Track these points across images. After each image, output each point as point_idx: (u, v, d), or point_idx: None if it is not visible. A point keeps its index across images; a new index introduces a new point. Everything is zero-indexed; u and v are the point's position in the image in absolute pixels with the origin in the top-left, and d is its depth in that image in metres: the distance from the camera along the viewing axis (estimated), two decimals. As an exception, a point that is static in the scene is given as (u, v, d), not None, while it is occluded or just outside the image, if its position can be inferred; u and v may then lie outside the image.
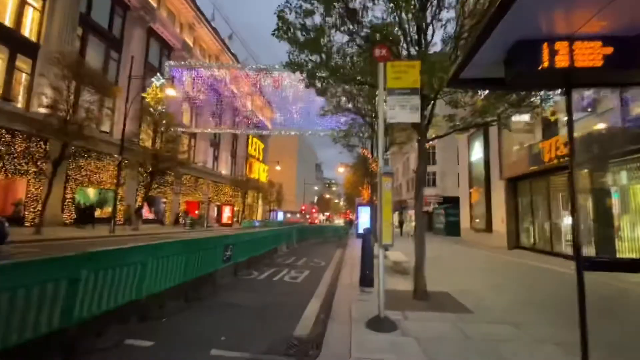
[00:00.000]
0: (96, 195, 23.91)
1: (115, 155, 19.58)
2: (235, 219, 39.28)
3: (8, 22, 17.77)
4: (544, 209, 12.99)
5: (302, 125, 27.64)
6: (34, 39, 18.98)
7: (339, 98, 12.27)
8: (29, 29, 18.98)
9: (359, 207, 20.63)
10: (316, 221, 61.58)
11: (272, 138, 64.43)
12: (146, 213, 28.69)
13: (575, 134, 2.68)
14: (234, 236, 6.81)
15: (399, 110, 4.00)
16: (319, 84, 6.25)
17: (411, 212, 39.62)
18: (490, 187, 16.90)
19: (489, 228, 16.86)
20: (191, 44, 34.59)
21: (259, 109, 52.87)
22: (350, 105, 12.08)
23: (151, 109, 20.71)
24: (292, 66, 5.73)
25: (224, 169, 42.56)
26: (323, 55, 5.53)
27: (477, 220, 18.92)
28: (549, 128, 13.00)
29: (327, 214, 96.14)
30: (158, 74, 22.04)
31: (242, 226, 31.94)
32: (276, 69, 26.37)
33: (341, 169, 37.07)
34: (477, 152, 18.91)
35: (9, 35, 17.52)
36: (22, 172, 17.25)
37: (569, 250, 11.31)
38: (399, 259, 7.82)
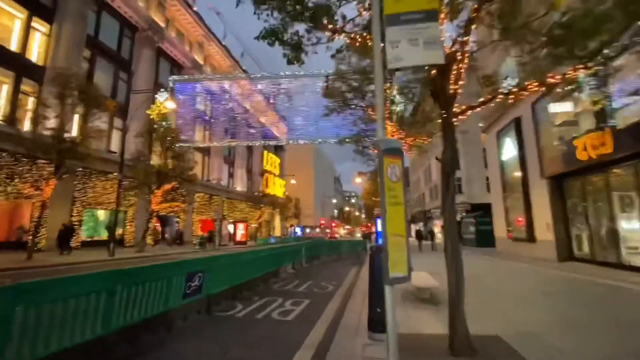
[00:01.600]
0: (106, 217, 23.43)
1: (115, 174, 18.90)
2: (256, 235, 38.16)
3: (14, 47, 17.83)
4: (604, 211, 10.64)
5: (313, 133, 26.31)
6: (40, 62, 18.96)
7: (345, 94, 10.81)
8: (35, 53, 19.05)
9: (378, 219, 18.85)
10: (336, 235, 59.33)
11: (287, 152, 63.83)
12: (154, 233, 28.01)
13: None
14: (205, 260, 5.27)
15: (408, 48, 2.38)
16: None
17: (438, 223, 36.82)
18: (528, 188, 14.59)
19: (530, 237, 14.43)
20: (201, 62, 34.65)
21: (271, 123, 52.49)
22: (356, 101, 10.55)
23: (155, 125, 20.04)
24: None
25: (239, 186, 41.85)
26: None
27: (514, 229, 16.46)
28: (596, 116, 10.79)
29: (348, 227, 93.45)
30: (162, 90, 21.54)
31: (257, 243, 30.55)
32: (281, 76, 25.44)
33: (358, 179, 35.21)
34: (509, 150, 16.67)
35: (15, 60, 17.48)
36: (26, 196, 16.74)
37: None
38: (425, 282, 5.97)
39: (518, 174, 15.39)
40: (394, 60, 2.41)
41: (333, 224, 70.03)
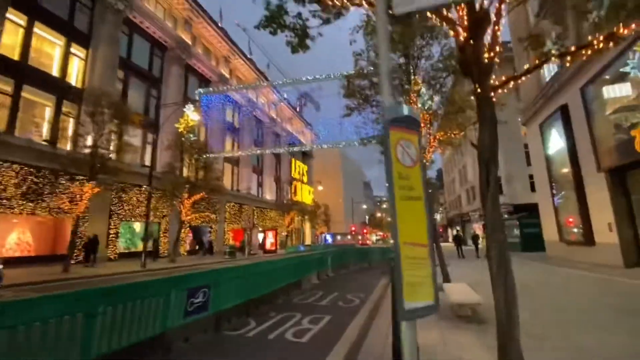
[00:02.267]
0: (142, 229, 24.31)
1: (145, 187, 19.48)
2: (285, 244, 38.08)
3: (56, 72, 19.15)
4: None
5: (336, 137, 25.73)
6: (78, 85, 20.20)
7: (365, 92, 10.19)
8: (75, 77, 20.36)
9: None
10: (367, 242, 57.71)
11: (315, 160, 63.74)
12: (190, 244, 28.65)
13: None
14: (210, 274, 4.81)
15: (420, -16, 1.72)
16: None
17: (476, 226, 34.41)
18: (582, 184, 12.87)
19: (588, 239, 12.64)
20: (228, 76, 35.56)
21: (297, 130, 52.75)
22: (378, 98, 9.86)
23: (183, 138, 20.52)
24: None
25: (269, 194, 42.13)
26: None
27: (567, 231, 14.60)
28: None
29: (381, 233, 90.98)
30: (189, 104, 22.12)
31: (286, 252, 30.26)
32: (302, 81, 25.19)
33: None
34: (555, 143, 14.94)
35: (56, 84, 18.72)
36: (64, 210, 17.67)
37: None
38: (466, 297, 5.07)
39: (568, 169, 13.68)
40: (402, 3, 1.75)
41: (364, 231, 68.46)
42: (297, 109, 54.26)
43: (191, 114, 19.33)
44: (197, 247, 28.34)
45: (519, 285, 5.00)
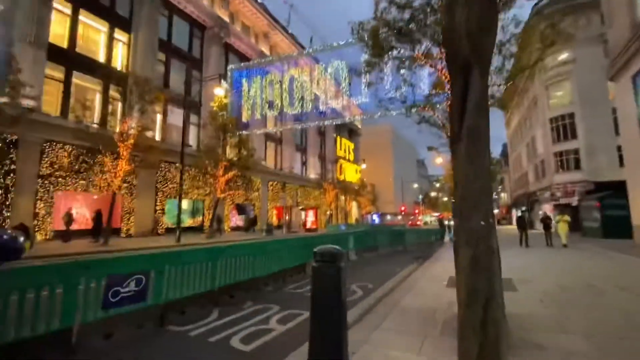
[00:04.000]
0: (189, 206, 25.66)
1: (177, 165, 20.00)
2: (327, 222, 37.74)
3: (102, 58, 20.24)
4: None
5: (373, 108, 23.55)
6: (123, 69, 21.16)
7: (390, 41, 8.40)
8: (120, 61, 21.39)
9: None
10: (418, 223, 54.69)
11: (363, 138, 61.30)
12: (236, 221, 29.62)
13: None
14: (156, 257, 4.04)
15: None
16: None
17: (547, 207, 29.82)
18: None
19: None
20: (268, 52, 34.93)
21: (344, 107, 50.64)
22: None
23: (220, 115, 20.48)
24: None
25: (312, 173, 41.70)
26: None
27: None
28: None
29: (437, 214, 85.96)
30: (222, 81, 21.96)
31: (327, 231, 29.71)
32: (334, 46, 23.19)
33: (439, 159, 30.82)
34: (657, 101, 11.35)
35: (101, 69, 19.78)
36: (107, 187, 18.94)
37: None
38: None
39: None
40: None
41: (416, 211, 65.10)
42: (342, 84, 51.96)
43: (221, 91, 19.06)
44: (242, 224, 29.22)
45: (619, 285, 3.24)
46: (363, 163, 49.78)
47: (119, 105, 19.69)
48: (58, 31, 17.92)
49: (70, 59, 18.24)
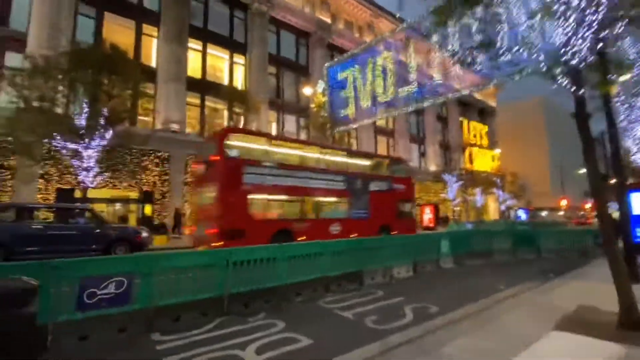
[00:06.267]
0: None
1: None
2: (448, 219, 33.34)
3: (226, 81, 23.91)
4: None
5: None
6: (242, 87, 24.38)
7: None
8: (240, 82, 24.78)
9: (631, 193, 10.82)
10: (589, 221, 41.16)
11: (501, 117, 51.24)
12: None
13: None
14: (139, 259, 3.96)
15: None
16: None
17: None
18: None
19: None
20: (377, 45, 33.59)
21: (472, 85, 43.52)
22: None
23: (321, 116, 20.93)
24: None
25: (433, 165, 37.66)
26: None
27: None
28: None
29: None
30: (320, 81, 22.21)
31: (449, 229, 26.00)
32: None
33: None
34: None
35: (226, 91, 23.28)
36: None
37: None
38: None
39: None
40: None
41: (587, 205, 49.61)
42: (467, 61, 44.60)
43: (309, 90, 19.29)
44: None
45: None
46: (497, 148, 41.65)
47: (242, 118, 22.85)
48: (193, 65, 22.15)
49: (203, 86, 22.24)
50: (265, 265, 4.96)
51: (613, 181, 8.13)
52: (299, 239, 10.13)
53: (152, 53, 20.73)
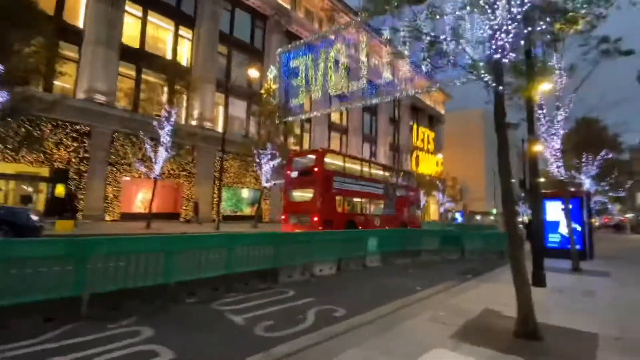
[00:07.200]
0: (249, 195, 26.23)
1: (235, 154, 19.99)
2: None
3: (169, 55, 21.73)
4: None
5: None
6: (187, 64, 22.39)
7: None
8: (185, 58, 22.71)
9: (545, 201, 11.86)
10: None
11: (448, 125, 54.42)
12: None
13: None
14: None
15: None
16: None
17: None
18: None
19: None
20: (332, 37, 33.21)
21: (421, 90, 45.46)
22: None
23: (269, 103, 19.97)
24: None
25: (382, 165, 38.60)
26: None
27: None
28: None
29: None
30: (272, 67, 21.22)
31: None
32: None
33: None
34: None
35: (168, 65, 21.18)
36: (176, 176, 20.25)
37: None
38: None
39: None
40: None
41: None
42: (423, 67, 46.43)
43: (256, 73, 18.39)
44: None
45: None
46: (439, 153, 44.05)
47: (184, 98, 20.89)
48: (130, 32, 19.68)
49: (140, 57, 19.88)
50: (145, 260, 4.12)
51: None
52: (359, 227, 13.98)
53: (79, 11, 17.97)
